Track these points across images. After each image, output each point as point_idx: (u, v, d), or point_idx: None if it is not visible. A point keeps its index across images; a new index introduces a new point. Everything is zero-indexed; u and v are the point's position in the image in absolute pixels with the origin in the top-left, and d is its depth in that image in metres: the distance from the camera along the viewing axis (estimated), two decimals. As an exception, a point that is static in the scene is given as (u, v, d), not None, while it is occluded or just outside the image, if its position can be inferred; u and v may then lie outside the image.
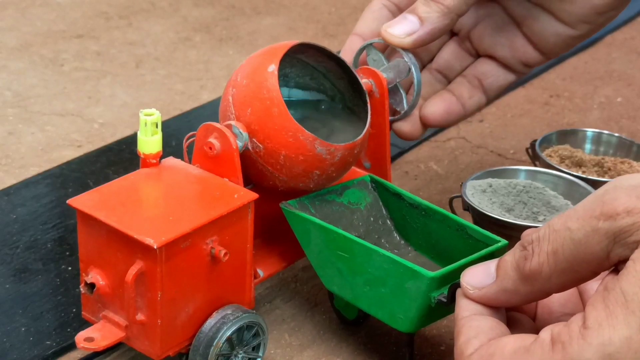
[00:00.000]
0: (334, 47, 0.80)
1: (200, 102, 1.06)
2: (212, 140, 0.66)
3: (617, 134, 0.91)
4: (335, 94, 0.73)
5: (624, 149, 0.90)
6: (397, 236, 0.72)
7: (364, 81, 0.72)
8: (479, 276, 0.56)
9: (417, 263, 0.63)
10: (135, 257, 0.60)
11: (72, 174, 0.91)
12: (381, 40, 0.74)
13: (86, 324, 0.66)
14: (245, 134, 0.66)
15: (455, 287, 0.58)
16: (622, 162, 0.87)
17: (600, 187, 0.51)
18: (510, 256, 0.54)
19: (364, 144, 0.70)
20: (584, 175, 0.82)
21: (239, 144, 0.66)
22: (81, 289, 0.64)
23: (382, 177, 0.74)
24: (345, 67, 0.71)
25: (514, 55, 0.79)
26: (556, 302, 0.58)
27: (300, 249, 0.69)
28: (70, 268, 0.78)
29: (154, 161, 0.67)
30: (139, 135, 0.66)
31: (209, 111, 1.04)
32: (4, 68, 1.12)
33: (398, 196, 0.71)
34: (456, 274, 0.60)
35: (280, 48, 0.67)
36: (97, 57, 1.15)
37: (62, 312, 0.73)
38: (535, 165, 0.86)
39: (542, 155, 0.86)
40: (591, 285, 0.56)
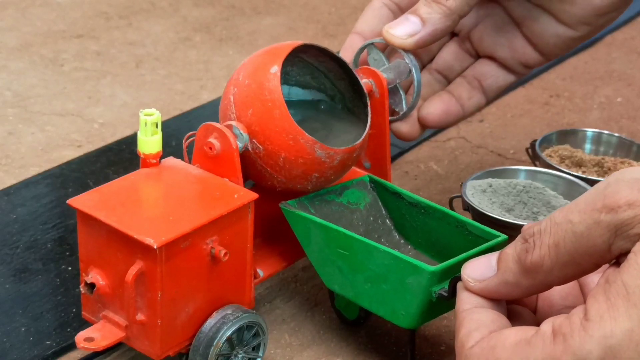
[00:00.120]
0: (334, 47, 0.80)
1: (200, 102, 1.06)
2: (212, 140, 0.66)
3: (617, 134, 0.91)
4: (335, 94, 0.73)
5: (624, 149, 0.90)
6: (396, 235, 0.72)
7: (364, 81, 0.72)
8: (480, 269, 0.56)
9: (417, 260, 0.64)
10: (135, 257, 0.60)
11: (72, 174, 0.91)
12: (382, 40, 0.74)
13: (86, 324, 0.66)
14: (246, 135, 0.66)
15: (456, 281, 0.58)
16: (622, 162, 0.86)
17: (603, 180, 0.52)
18: (511, 249, 0.54)
19: (364, 147, 0.70)
20: (584, 175, 0.82)
21: (239, 145, 0.66)
22: (81, 289, 0.64)
23: (382, 177, 0.74)
24: (347, 69, 0.71)
25: (514, 56, 0.79)
26: (557, 295, 0.59)
27: (300, 249, 0.69)
28: (70, 268, 0.78)
29: (154, 161, 0.67)
30: (139, 135, 0.66)
31: (209, 111, 1.04)
32: (4, 68, 1.12)
33: (397, 195, 0.71)
34: (456, 269, 0.60)
35: (284, 49, 0.67)
36: (97, 57, 1.15)
37: (62, 312, 0.73)
38: (535, 165, 0.86)
39: (542, 155, 0.86)
40: (592, 278, 0.56)
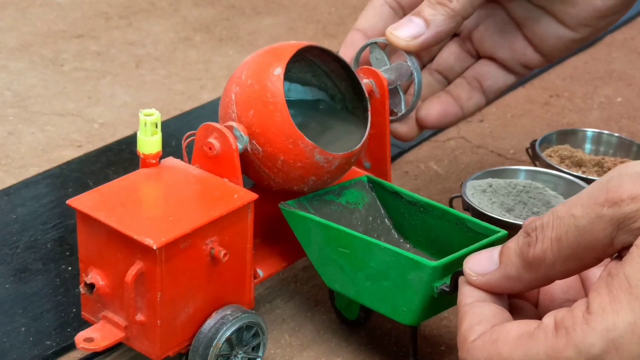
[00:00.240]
0: (334, 47, 0.80)
1: (200, 102, 1.06)
2: (212, 140, 0.66)
3: (617, 134, 0.91)
4: (335, 94, 0.73)
5: (624, 149, 0.90)
6: (395, 234, 0.72)
7: (365, 81, 0.72)
8: (482, 263, 0.56)
9: (417, 258, 0.64)
10: (135, 258, 0.60)
11: (72, 174, 0.91)
12: (385, 40, 0.74)
13: (86, 324, 0.66)
14: (246, 137, 0.66)
15: (458, 276, 0.58)
16: (622, 162, 0.86)
17: (605, 174, 0.52)
18: (513, 243, 0.54)
19: (362, 151, 0.70)
20: (584, 175, 0.82)
21: (239, 147, 0.66)
22: (81, 289, 0.64)
23: (382, 177, 0.74)
24: (349, 70, 0.71)
25: (514, 56, 0.79)
26: (558, 289, 0.59)
27: (300, 249, 0.69)
28: (70, 268, 0.78)
29: (154, 161, 0.67)
30: (138, 135, 0.66)
31: (209, 111, 1.04)
32: (4, 68, 1.12)
33: (396, 194, 0.71)
34: (458, 264, 0.60)
35: (288, 50, 0.67)
36: (97, 57, 1.15)
37: (62, 312, 0.73)
38: (535, 165, 0.86)
39: (542, 155, 0.86)
40: (593, 272, 0.57)
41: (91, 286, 0.63)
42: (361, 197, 0.72)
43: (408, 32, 0.72)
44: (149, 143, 0.66)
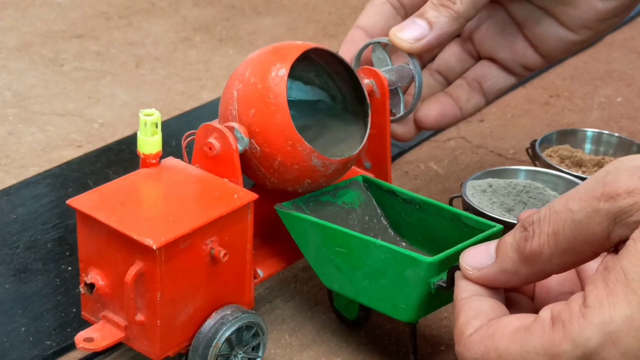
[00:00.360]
0: (334, 47, 0.80)
1: (200, 102, 1.06)
2: (212, 140, 0.66)
3: (617, 134, 0.91)
4: (336, 95, 0.73)
5: (624, 149, 0.90)
6: (392, 233, 0.72)
7: (366, 81, 0.72)
8: (478, 257, 0.56)
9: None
10: (134, 258, 0.60)
11: (72, 174, 0.91)
12: (387, 40, 0.74)
13: (86, 324, 0.66)
14: (247, 139, 0.66)
15: (454, 270, 0.58)
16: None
17: (602, 168, 0.52)
18: (510, 237, 0.54)
19: (360, 156, 0.70)
20: (584, 175, 0.82)
21: (240, 148, 0.66)
22: (81, 289, 0.64)
23: (382, 177, 0.74)
24: (352, 74, 0.71)
25: (515, 57, 0.79)
26: (554, 282, 0.59)
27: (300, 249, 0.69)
28: (70, 268, 0.78)
29: (154, 161, 0.67)
30: (138, 135, 0.66)
31: (209, 111, 1.03)
32: (4, 68, 1.12)
33: (392, 193, 0.71)
34: (454, 259, 0.60)
35: (293, 51, 0.67)
36: (97, 57, 1.15)
37: (62, 312, 0.73)
38: (535, 165, 0.86)
39: (542, 155, 0.86)
40: (590, 265, 0.57)
41: (91, 286, 0.63)
42: (357, 197, 0.72)
43: (411, 34, 0.72)
44: (149, 143, 0.66)
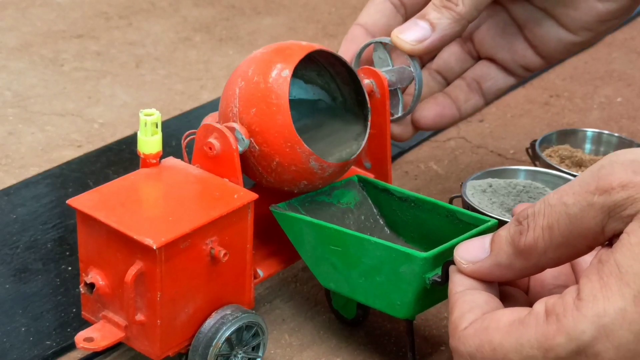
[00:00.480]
0: (334, 47, 0.80)
1: (200, 102, 1.06)
2: (212, 140, 0.66)
3: (617, 134, 0.91)
4: (337, 96, 0.73)
5: (624, 149, 0.90)
6: (388, 231, 0.72)
7: (366, 82, 0.72)
8: (473, 251, 0.56)
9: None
10: (134, 258, 0.60)
11: (72, 174, 0.91)
12: (388, 40, 0.74)
13: (86, 324, 0.66)
14: (247, 141, 0.66)
15: (449, 265, 0.58)
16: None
17: (596, 162, 0.52)
18: (505, 231, 0.54)
19: (358, 159, 0.70)
20: (584, 176, 0.82)
21: (240, 149, 0.66)
22: (81, 289, 0.64)
23: (382, 177, 0.74)
24: (355, 77, 0.70)
25: (514, 58, 0.79)
26: (549, 275, 0.59)
27: (300, 249, 0.70)
28: (70, 268, 0.78)
29: (154, 161, 0.67)
30: (139, 135, 0.66)
31: (209, 111, 1.03)
32: (4, 68, 1.12)
33: (387, 192, 0.71)
34: (448, 254, 0.60)
35: (298, 52, 0.66)
36: (97, 57, 1.15)
37: (62, 312, 0.73)
38: (535, 165, 0.86)
39: (542, 155, 0.86)
40: (584, 258, 0.57)
41: (91, 286, 0.63)
42: (352, 197, 0.72)
43: (414, 35, 0.72)
44: (149, 143, 0.66)
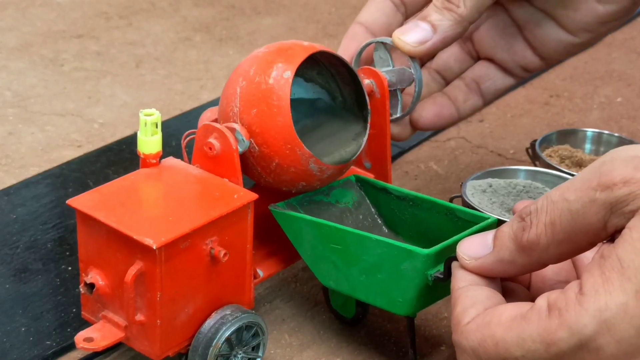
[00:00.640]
0: (334, 47, 0.80)
1: (200, 102, 1.06)
2: (212, 140, 0.66)
3: (617, 134, 0.91)
4: (337, 96, 0.73)
5: (624, 148, 0.90)
6: (386, 230, 0.72)
7: (366, 82, 0.72)
8: (475, 247, 0.56)
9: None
10: (134, 258, 0.60)
11: (72, 174, 0.91)
12: (389, 40, 0.74)
13: (86, 324, 0.66)
14: (247, 142, 0.66)
15: (451, 261, 0.58)
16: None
17: (598, 158, 0.52)
18: (507, 227, 0.55)
19: (357, 160, 0.70)
20: (584, 176, 0.82)
21: (240, 150, 0.66)
22: (81, 289, 0.64)
23: (382, 177, 0.74)
24: (356, 79, 0.70)
25: (513, 58, 0.79)
26: (550, 271, 0.59)
27: (300, 249, 0.70)
28: (70, 268, 0.78)
29: (154, 161, 0.67)
30: (139, 135, 0.66)
31: (209, 111, 1.03)
32: (4, 68, 1.12)
33: (385, 191, 0.71)
34: (450, 251, 0.60)
35: (301, 53, 0.66)
36: (97, 57, 1.15)
37: (62, 312, 0.73)
38: (535, 165, 0.86)
39: (542, 155, 0.86)
40: (585, 254, 0.57)
41: (91, 286, 0.63)
42: (350, 196, 0.72)
43: (415, 37, 0.72)
44: (149, 143, 0.66)
